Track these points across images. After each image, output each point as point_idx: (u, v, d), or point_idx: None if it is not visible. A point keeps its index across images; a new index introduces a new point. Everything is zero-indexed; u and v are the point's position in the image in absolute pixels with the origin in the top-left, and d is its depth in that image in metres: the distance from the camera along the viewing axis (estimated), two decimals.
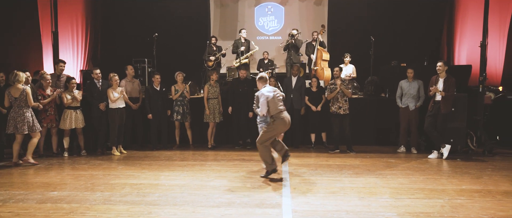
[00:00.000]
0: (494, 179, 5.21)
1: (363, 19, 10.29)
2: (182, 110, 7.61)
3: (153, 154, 7.14)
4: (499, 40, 8.78)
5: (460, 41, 9.52)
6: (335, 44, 10.48)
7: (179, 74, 7.68)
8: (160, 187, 4.81)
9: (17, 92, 5.99)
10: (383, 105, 7.92)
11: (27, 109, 6.08)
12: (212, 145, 7.73)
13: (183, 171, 5.69)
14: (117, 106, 6.97)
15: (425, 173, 5.55)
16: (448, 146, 6.52)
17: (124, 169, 5.90)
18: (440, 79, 6.58)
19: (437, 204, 4.12)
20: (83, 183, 5.02)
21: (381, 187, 4.79)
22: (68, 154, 6.95)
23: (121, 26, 10.62)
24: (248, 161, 6.41)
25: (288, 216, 3.79)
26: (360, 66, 8.98)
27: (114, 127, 6.99)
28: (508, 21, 8.68)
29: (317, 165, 6.13)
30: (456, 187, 4.80)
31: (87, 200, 4.30)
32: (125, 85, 7.42)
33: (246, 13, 11.07)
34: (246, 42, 9.47)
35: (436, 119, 6.63)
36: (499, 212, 3.88)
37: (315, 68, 9.00)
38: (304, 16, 10.93)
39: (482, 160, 6.54)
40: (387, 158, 6.64)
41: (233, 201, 4.27)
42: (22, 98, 6.01)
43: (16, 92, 6.00)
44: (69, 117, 6.81)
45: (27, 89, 6.06)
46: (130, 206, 4.08)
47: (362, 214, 3.85)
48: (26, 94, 6.02)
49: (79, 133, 7.02)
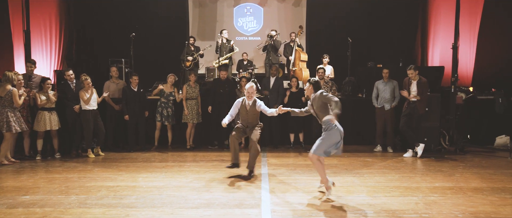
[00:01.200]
0: (465, 176, 5.41)
1: (340, 21, 10.45)
2: (167, 112, 7.54)
3: (131, 155, 7.02)
4: (470, 43, 9.11)
5: (433, 43, 9.82)
6: (313, 46, 10.60)
7: (171, 76, 7.67)
8: (138, 189, 4.74)
9: (3, 92, 6.05)
10: (360, 106, 8.06)
11: (11, 109, 6.13)
12: (190, 146, 7.68)
13: (161, 173, 5.62)
14: (91, 108, 6.84)
15: (400, 172, 5.70)
16: (422, 144, 6.71)
17: (100, 171, 5.78)
18: (413, 82, 6.78)
19: (411, 201, 4.24)
20: (57, 186, 4.88)
21: (358, 186, 4.89)
22: (41, 157, 6.75)
23: (97, 25, 10.37)
24: (227, 162, 6.36)
25: (267, 216, 3.81)
26: (337, 67, 9.12)
27: (89, 129, 6.86)
28: (478, 25, 9.02)
29: (295, 164, 6.18)
30: (429, 185, 4.94)
31: (62, 203, 4.19)
32: (109, 86, 7.42)
33: (225, 13, 11.05)
34: (228, 42, 9.46)
35: (411, 119, 6.82)
36: (469, 208, 4.03)
37: (293, 69, 9.08)
38: (282, 17, 11.01)
39: (454, 158, 6.76)
40: (364, 157, 6.77)
41: (212, 202, 4.25)
42: (6, 98, 6.07)
43: (3, 92, 6.05)
44: (43, 118, 6.62)
45: (14, 90, 6.09)
46: (107, 209, 4.00)
47: (340, 212, 3.91)
48: (12, 94, 6.06)
49: (54, 135, 6.82)
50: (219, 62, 8.98)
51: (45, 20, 9.22)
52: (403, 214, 3.83)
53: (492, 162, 6.41)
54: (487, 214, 3.85)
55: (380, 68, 8.00)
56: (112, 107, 7.42)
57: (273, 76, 7.88)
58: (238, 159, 5.43)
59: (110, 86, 7.48)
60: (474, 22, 9.04)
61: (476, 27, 9.04)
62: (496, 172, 5.68)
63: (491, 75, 9.01)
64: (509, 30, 9.04)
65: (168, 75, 7.70)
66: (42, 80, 6.80)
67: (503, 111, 8.03)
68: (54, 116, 6.76)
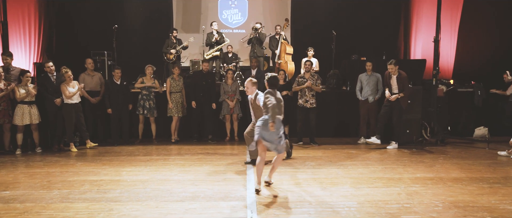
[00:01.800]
0: (445, 167, 5.55)
1: (325, 14, 10.49)
2: (148, 105, 7.46)
3: (114, 149, 6.93)
4: (451, 37, 9.28)
5: (415, 37, 9.96)
6: (298, 38, 10.63)
7: (149, 67, 7.56)
8: (122, 183, 4.69)
9: None
10: (344, 98, 8.15)
11: None
12: (175, 139, 7.63)
13: (146, 166, 5.57)
14: (73, 102, 6.70)
15: (383, 163, 5.80)
16: (379, 141, 6.87)
17: (83, 165, 5.69)
18: (393, 77, 6.89)
19: (394, 192, 4.33)
20: (38, 181, 4.79)
21: (342, 177, 4.96)
22: (21, 151, 6.59)
23: (78, 17, 10.11)
24: (213, 155, 6.39)
25: (253, 208, 3.83)
26: (322, 60, 9.17)
27: (71, 123, 6.73)
28: (458, 19, 9.20)
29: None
30: (411, 176, 5.06)
31: (43, 198, 4.11)
32: (84, 79, 7.20)
33: (210, 6, 10.94)
34: (219, 35, 9.38)
35: (392, 110, 6.94)
36: (449, 198, 4.14)
37: (279, 62, 9.09)
38: (267, 10, 10.98)
39: (435, 149, 6.92)
40: (348, 149, 6.87)
41: (197, 195, 4.25)
42: None
43: None
44: (23, 112, 6.46)
45: None
46: (90, 204, 3.95)
47: (324, 204, 3.97)
48: None
49: (34, 129, 6.67)
50: (211, 54, 8.97)
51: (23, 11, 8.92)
52: (386, 205, 3.92)
53: (471, 153, 6.59)
54: (465, 203, 3.97)
55: (363, 61, 8.09)
56: (89, 100, 7.25)
57: (254, 69, 7.88)
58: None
59: (85, 79, 7.24)
60: (455, 16, 9.22)
61: (457, 21, 9.21)
62: (475, 162, 5.85)
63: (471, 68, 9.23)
64: (488, 24, 9.26)
65: (146, 67, 7.56)
66: (21, 73, 6.61)
67: (481, 103, 8.25)
68: (34, 109, 6.60)
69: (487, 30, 9.29)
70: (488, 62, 9.07)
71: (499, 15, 9.15)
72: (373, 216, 3.63)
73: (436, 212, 3.73)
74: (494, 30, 9.25)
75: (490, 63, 9.02)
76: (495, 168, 5.51)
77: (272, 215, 3.65)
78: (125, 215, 3.67)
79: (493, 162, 5.91)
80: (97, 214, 3.67)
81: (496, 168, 5.48)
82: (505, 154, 6.27)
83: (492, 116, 8.26)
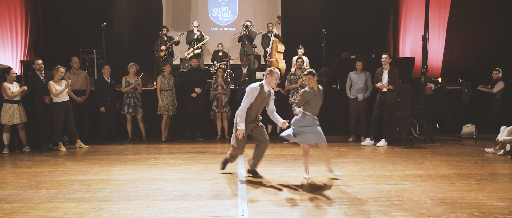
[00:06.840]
0: (434, 164, 5.63)
1: (315, 12, 10.52)
2: (134, 103, 7.38)
3: (104, 148, 6.86)
4: (439, 35, 9.40)
5: (404, 35, 10.06)
6: (288, 36, 10.63)
7: (132, 66, 7.46)
8: (112, 182, 4.65)
9: None
10: (335, 96, 8.19)
11: None
12: (166, 137, 7.58)
13: (136, 165, 5.53)
14: (61, 100, 6.61)
15: (373, 161, 5.86)
16: (371, 141, 7.03)
17: (72, 165, 5.62)
18: (384, 71, 6.95)
19: (384, 189, 4.37)
20: (26, 181, 4.71)
21: (333, 175, 4.98)
22: (8, 151, 6.48)
23: (66, 14, 9.95)
24: (203, 153, 6.37)
25: (244, 207, 3.83)
26: (312, 58, 9.20)
27: (59, 121, 6.63)
28: (446, 18, 9.32)
29: (271, 155, 6.23)
30: (401, 173, 5.11)
31: (31, 198, 4.05)
32: (68, 78, 7.07)
33: (200, 3, 10.88)
34: (199, 33, 9.35)
35: (383, 110, 7.01)
36: (437, 194, 4.20)
37: (270, 60, 9.09)
38: (258, 8, 10.96)
39: (424, 146, 7.01)
40: (338, 147, 6.91)
41: (188, 193, 4.23)
42: None
43: None
44: (14, 111, 6.35)
45: None
46: (80, 203, 3.91)
47: (315, 201, 3.99)
48: None
49: (21, 128, 6.56)
50: (194, 52, 8.92)
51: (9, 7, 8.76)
52: (376, 202, 3.95)
53: (459, 150, 6.69)
54: (454, 200, 4.03)
55: (353, 59, 8.13)
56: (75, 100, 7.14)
57: (245, 67, 7.89)
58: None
59: (70, 78, 7.08)
60: (443, 15, 9.34)
61: (445, 20, 9.34)
62: (463, 159, 5.95)
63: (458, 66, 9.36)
64: (475, 22, 9.40)
65: (129, 65, 7.47)
66: (4, 71, 6.45)
67: (469, 101, 8.38)
68: (21, 108, 6.50)
69: (474, 29, 9.44)
70: (476, 61, 9.21)
71: (486, 14, 9.30)
72: (364, 213, 3.66)
73: (425, 208, 3.77)
74: (482, 29, 9.41)
75: (478, 61, 9.17)
76: (482, 164, 5.61)
77: (263, 214, 3.66)
78: (115, 214, 3.64)
79: (480, 158, 6.01)
80: (86, 214, 3.63)
81: (483, 165, 5.58)
82: (492, 151, 6.38)
83: (479, 113, 8.40)
